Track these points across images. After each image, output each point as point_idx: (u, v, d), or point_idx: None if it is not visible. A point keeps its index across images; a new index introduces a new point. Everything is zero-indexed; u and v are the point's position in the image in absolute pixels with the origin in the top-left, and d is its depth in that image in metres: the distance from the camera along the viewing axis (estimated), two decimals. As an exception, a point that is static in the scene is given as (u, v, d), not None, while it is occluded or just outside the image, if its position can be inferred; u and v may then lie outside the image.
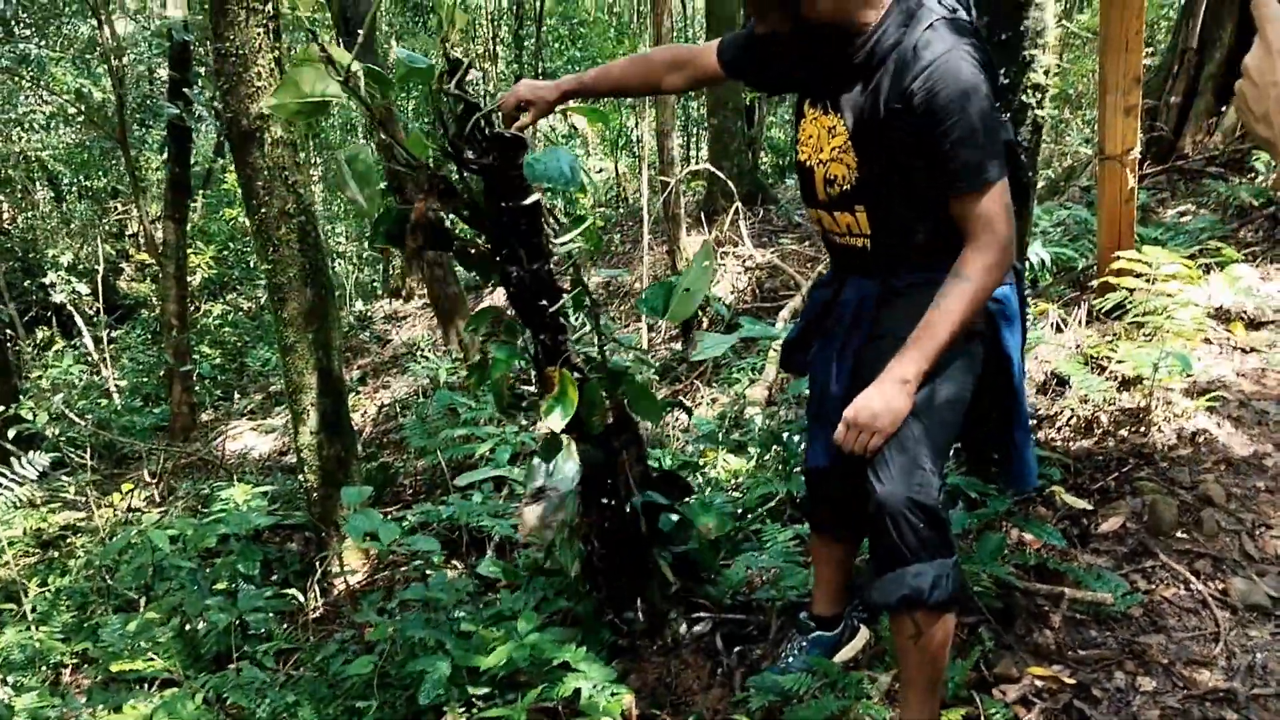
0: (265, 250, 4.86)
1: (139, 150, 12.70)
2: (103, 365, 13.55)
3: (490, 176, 2.49)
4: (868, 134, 2.17)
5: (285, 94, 2.18)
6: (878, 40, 2.13)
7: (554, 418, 2.57)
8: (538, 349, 2.73)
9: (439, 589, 3.60)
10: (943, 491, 2.23)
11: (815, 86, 2.33)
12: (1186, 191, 6.85)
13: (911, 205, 2.21)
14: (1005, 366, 2.39)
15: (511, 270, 2.60)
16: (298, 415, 5.22)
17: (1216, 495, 3.37)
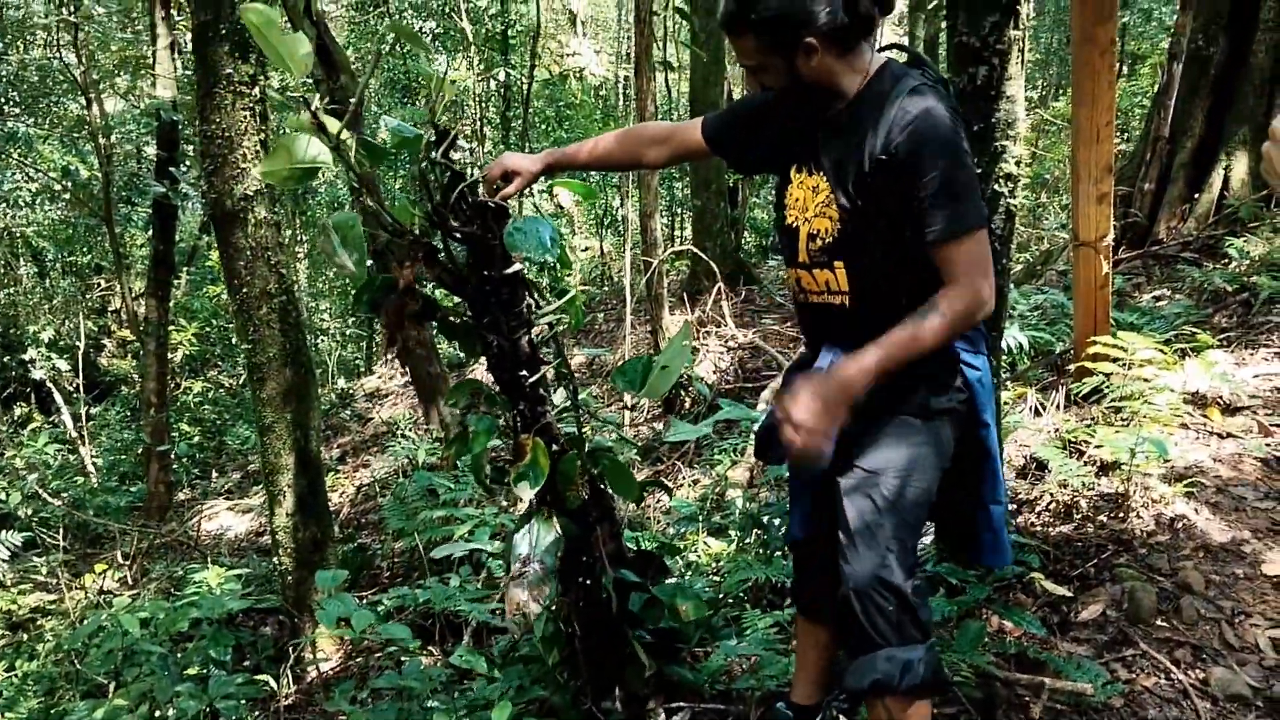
0: (246, 330, 4.86)
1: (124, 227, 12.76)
2: (80, 443, 13.43)
3: (474, 245, 2.50)
4: (851, 185, 2.22)
5: (276, 160, 2.20)
6: (862, 97, 2.22)
7: (523, 486, 2.56)
8: (516, 420, 2.72)
9: (413, 677, 3.54)
10: (914, 576, 2.21)
11: (799, 150, 2.38)
12: (1162, 276, 6.93)
13: (891, 259, 2.24)
14: (981, 435, 2.39)
15: (493, 339, 2.60)
16: (274, 496, 5.18)
17: (1195, 582, 3.36)
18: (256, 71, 4.45)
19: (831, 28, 2.13)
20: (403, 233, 2.49)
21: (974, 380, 2.36)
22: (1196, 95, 7.15)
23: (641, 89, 6.78)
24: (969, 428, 2.37)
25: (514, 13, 15.01)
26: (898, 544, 2.17)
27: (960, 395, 2.33)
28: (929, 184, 2.11)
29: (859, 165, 2.20)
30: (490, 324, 2.59)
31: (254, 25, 2.07)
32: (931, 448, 2.27)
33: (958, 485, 2.41)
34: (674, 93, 17.15)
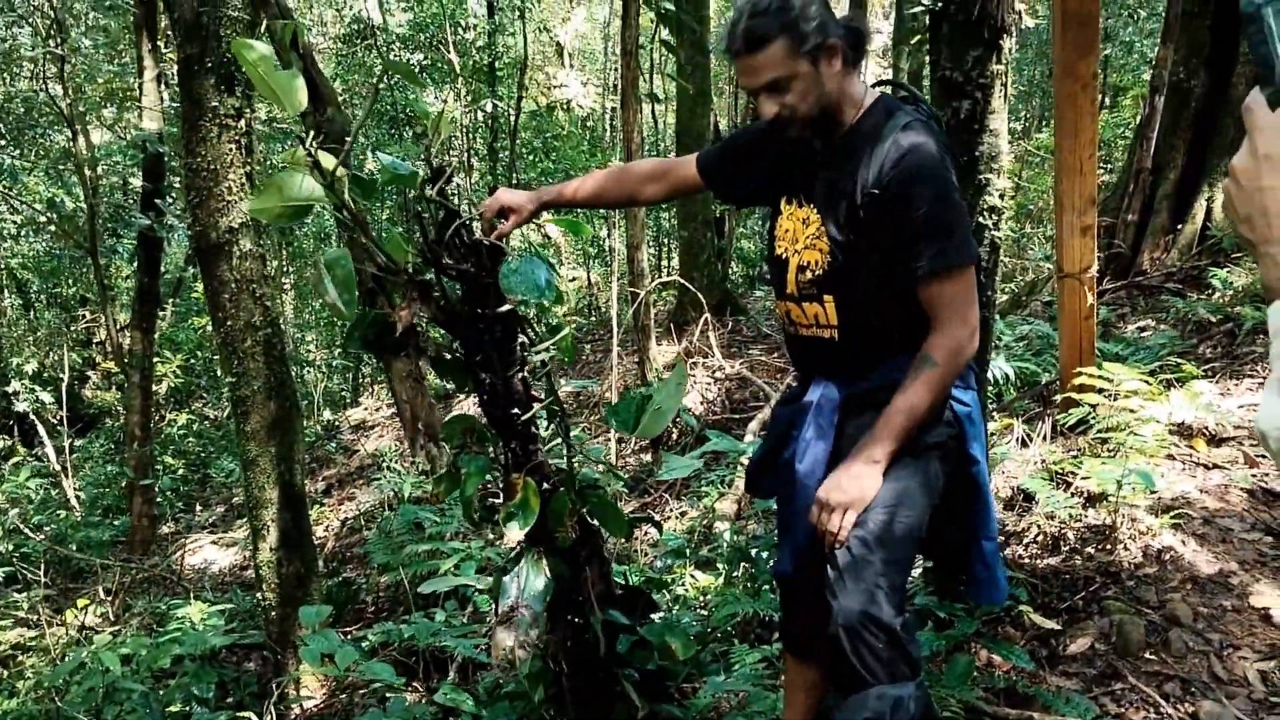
0: (230, 363, 4.83)
1: (109, 259, 12.72)
2: (63, 476, 13.32)
3: (468, 282, 2.49)
4: (842, 216, 2.24)
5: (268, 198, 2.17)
6: (857, 129, 2.26)
7: (513, 527, 2.53)
8: (508, 457, 2.70)
9: (396, 715, 3.50)
10: (903, 612, 2.19)
11: (791, 182, 2.40)
12: (1146, 307, 6.97)
13: (880, 294, 2.25)
14: (972, 472, 2.39)
15: (485, 377, 2.58)
16: (257, 531, 5.14)
17: (1184, 615, 3.35)
18: (242, 104, 4.45)
19: (840, 37, 2.19)
20: (397, 271, 2.47)
21: (963, 415, 2.36)
22: (1178, 127, 7.21)
23: (628, 120, 6.80)
24: (959, 464, 2.37)
25: (501, 45, 15.10)
26: (887, 580, 2.16)
27: (950, 430, 2.34)
28: (918, 219, 2.13)
29: (850, 197, 2.22)
30: (483, 361, 2.57)
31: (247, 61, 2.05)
32: (920, 483, 2.26)
33: (949, 521, 2.41)
34: (660, 124, 17.25)
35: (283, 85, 2.06)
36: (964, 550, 2.50)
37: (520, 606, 2.88)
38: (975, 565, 2.49)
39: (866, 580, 2.15)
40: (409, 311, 2.45)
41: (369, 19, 14.90)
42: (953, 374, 2.19)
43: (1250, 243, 1.06)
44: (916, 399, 2.16)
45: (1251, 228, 1.05)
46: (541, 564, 2.83)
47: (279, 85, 2.06)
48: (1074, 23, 3.71)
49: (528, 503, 2.57)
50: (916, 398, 2.16)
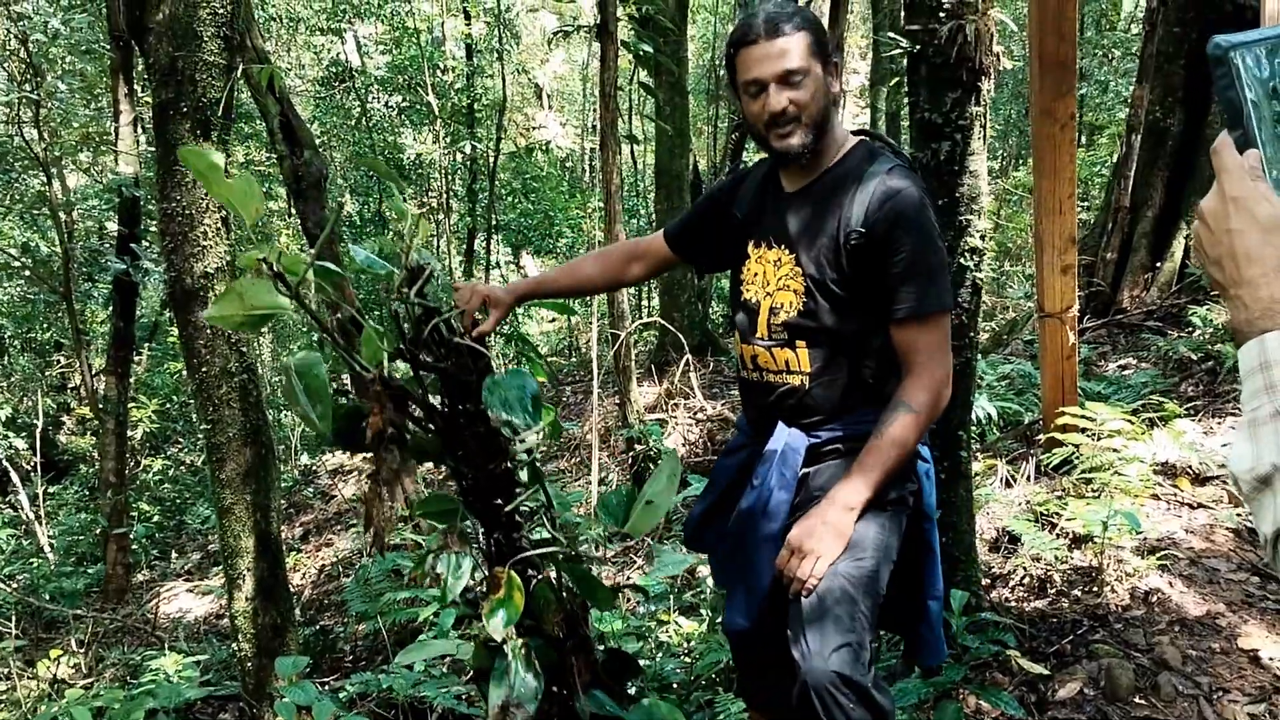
0: (205, 409, 4.76)
1: (84, 304, 12.61)
2: (36, 524, 13.12)
3: (447, 380, 2.38)
4: (821, 256, 2.22)
5: (227, 306, 2.01)
6: (838, 168, 2.26)
7: (496, 623, 2.39)
8: (490, 548, 2.57)
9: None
10: (873, 668, 2.13)
11: (759, 226, 2.38)
12: (1126, 345, 6.99)
13: (853, 341, 2.23)
14: (926, 529, 2.36)
15: (466, 471, 2.50)
16: (233, 580, 5.04)
17: (1172, 658, 3.31)
18: (218, 149, 4.40)
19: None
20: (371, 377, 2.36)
21: (922, 472, 2.33)
22: (1156, 166, 7.27)
23: (607, 161, 6.80)
24: (914, 521, 2.33)
25: (480, 87, 15.14)
26: (855, 636, 2.08)
27: (911, 486, 2.30)
28: (902, 262, 2.12)
29: (832, 238, 2.19)
30: (464, 458, 2.44)
31: (197, 170, 1.94)
32: (885, 537, 2.21)
33: (898, 580, 2.33)
34: (640, 165, 17.30)
35: (238, 192, 1.95)
36: (910, 610, 2.43)
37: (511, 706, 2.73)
38: (920, 625, 2.44)
39: (835, 636, 2.06)
40: (380, 419, 2.33)
41: (347, 62, 14.95)
42: (929, 421, 2.16)
43: (1220, 285, 1.05)
44: (892, 446, 2.12)
45: (1220, 270, 1.04)
46: (532, 661, 2.68)
47: (233, 192, 1.96)
48: (1052, 65, 3.72)
49: (511, 597, 2.45)
50: (892, 445, 2.12)
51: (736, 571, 2.41)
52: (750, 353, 2.39)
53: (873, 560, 2.15)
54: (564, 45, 18.63)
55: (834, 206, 2.21)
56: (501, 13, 14.31)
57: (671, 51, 9.84)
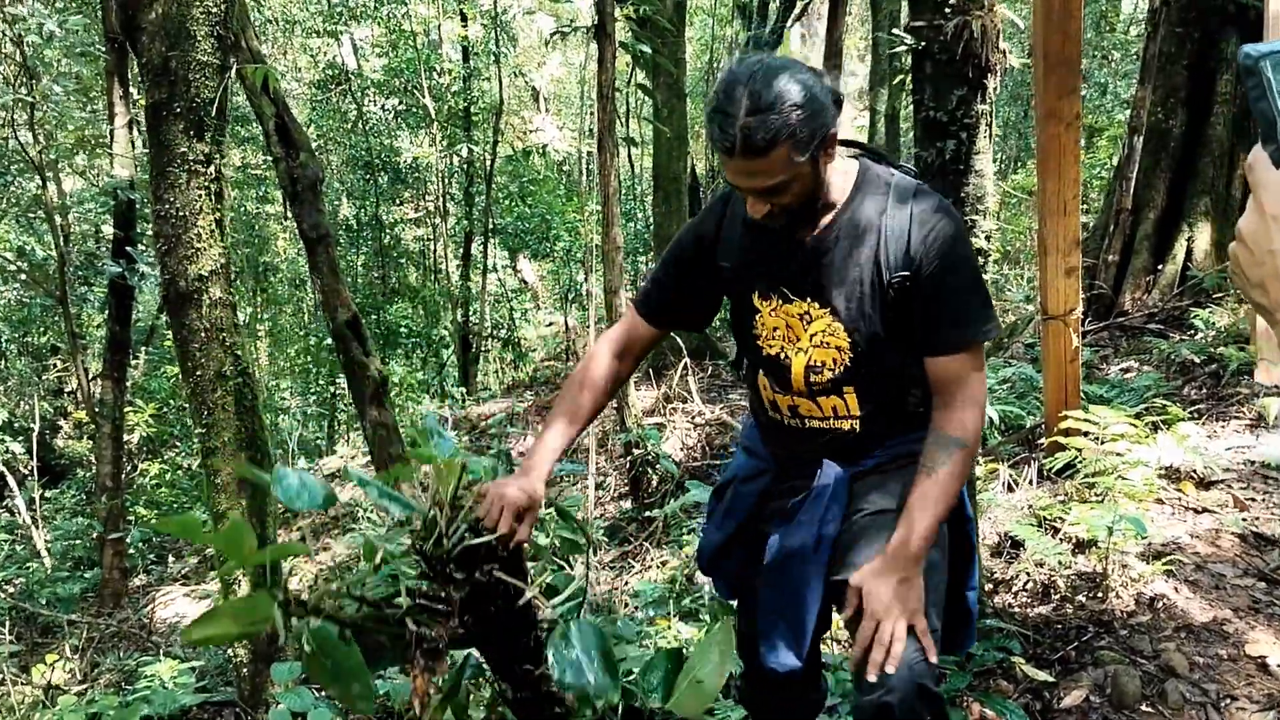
0: (200, 413, 4.72)
1: (80, 308, 12.56)
2: (34, 528, 13.07)
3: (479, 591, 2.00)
4: (868, 306, 2.06)
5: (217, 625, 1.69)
6: (856, 208, 2.07)
7: None
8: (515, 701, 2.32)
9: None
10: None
11: (765, 276, 2.18)
12: (1129, 348, 6.94)
13: (901, 373, 2.13)
14: (968, 530, 2.29)
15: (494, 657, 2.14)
16: (228, 586, 4.99)
17: (1179, 665, 3.26)
18: (212, 150, 4.37)
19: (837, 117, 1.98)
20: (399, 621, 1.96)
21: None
22: (1158, 167, 7.24)
23: (604, 164, 6.76)
24: (957, 521, 2.26)
25: (476, 90, 15.11)
26: (930, 622, 2.01)
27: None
28: (949, 297, 2.00)
29: (872, 284, 2.04)
30: (492, 652, 2.14)
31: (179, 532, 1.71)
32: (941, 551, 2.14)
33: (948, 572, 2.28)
34: (637, 168, 17.27)
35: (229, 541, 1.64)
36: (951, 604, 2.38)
37: None
38: (959, 617, 2.36)
39: (913, 650, 1.97)
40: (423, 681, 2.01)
41: (343, 65, 14.92)
42: (976, 452, 2.08)
43: (1263, 309, 0.98)
44: (951, 485, 2.00)
45: (1265, 293, 0.97)
46: None
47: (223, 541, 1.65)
48: (1057, 64, 3.68)
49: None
50: (952, 484, 2.00)
51: (781, 609, 2.27)
52: (787, 402, 2.25)
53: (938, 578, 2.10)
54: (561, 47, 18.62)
55: (862, 249, 2.04)
56: (498, 15, 14.27)
57: (669, 53, 9.79)
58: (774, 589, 2.29)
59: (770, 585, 2.30)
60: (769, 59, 1.91)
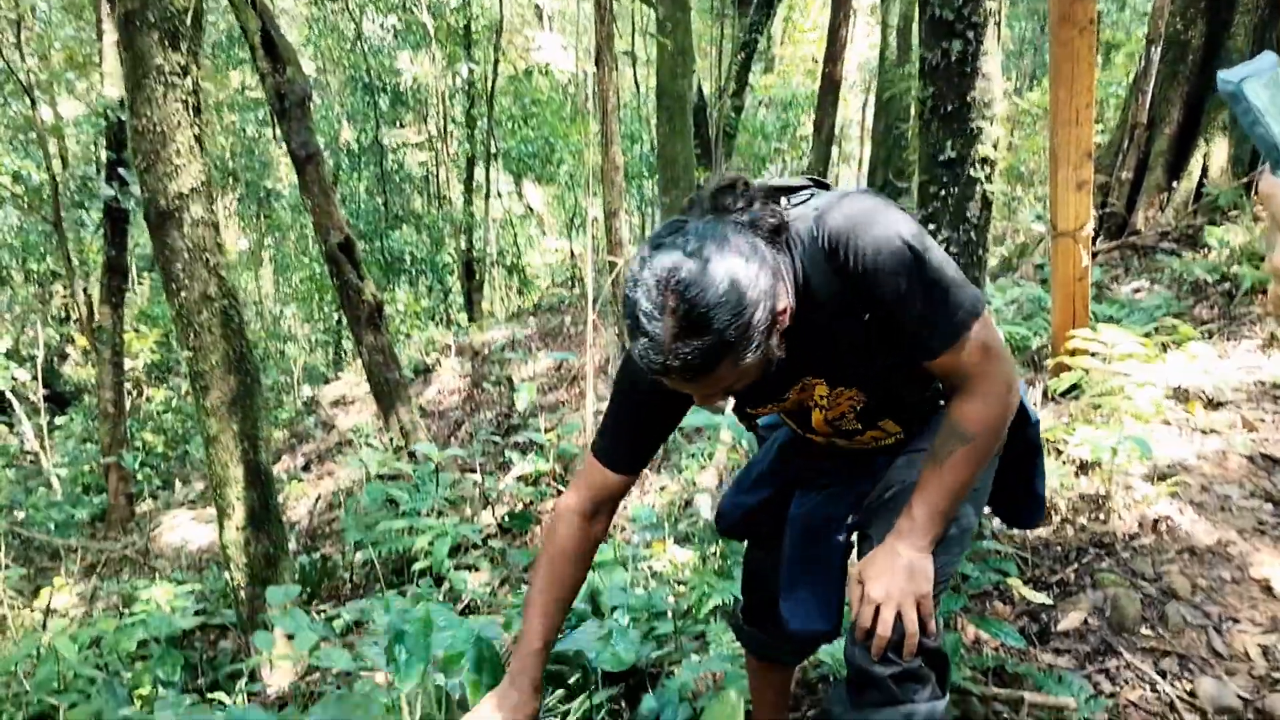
0: (186, 336, 4.63)
1: (77, 232, 12.46)
2: (42, 454, 13.13)
3: None
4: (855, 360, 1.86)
5: None
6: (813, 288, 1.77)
7: None
8: None
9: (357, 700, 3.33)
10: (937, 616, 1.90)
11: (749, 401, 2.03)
12: (1140, 267, 6.80)
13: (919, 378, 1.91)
14: (1029, 434, 2.12)
15: None
16: (223, 510, 4.95)
17: (1181, 587, 3.19)
18: (188, 61, 4.21)
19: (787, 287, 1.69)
20: None
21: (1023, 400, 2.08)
22: (1175, 81, 7.01)
23: (603, 80, 6.55)
24: (1020, 427, 2.04)
25: (477, 5, 14.75)
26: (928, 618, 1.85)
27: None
28: (908, 304, 1.71)
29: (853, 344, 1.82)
30: None
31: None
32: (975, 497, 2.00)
33: (1008, 473, 2.14)
34: (642, 89, 16.92)
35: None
36: (1020, 498, 2.23)
37: None
38: (1028, 501, 2.23)
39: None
40: None
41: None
42: (993, 446, 1.81)
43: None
44: (957, 477, 1.80)
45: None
46: None
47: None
48: (1067, -37, 3.50)
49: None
50: (957, 476, 1.79)
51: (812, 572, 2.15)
52: (823, 442, 2.10)
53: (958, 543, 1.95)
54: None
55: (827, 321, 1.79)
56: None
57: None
58: (804, 550, 2.18)
59: (800, 546, 2.19)
60: (686, 246, 1.56)
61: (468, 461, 7.50)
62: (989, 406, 1.77)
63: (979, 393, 1.77)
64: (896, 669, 1.81)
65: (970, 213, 3.04)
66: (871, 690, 1.85)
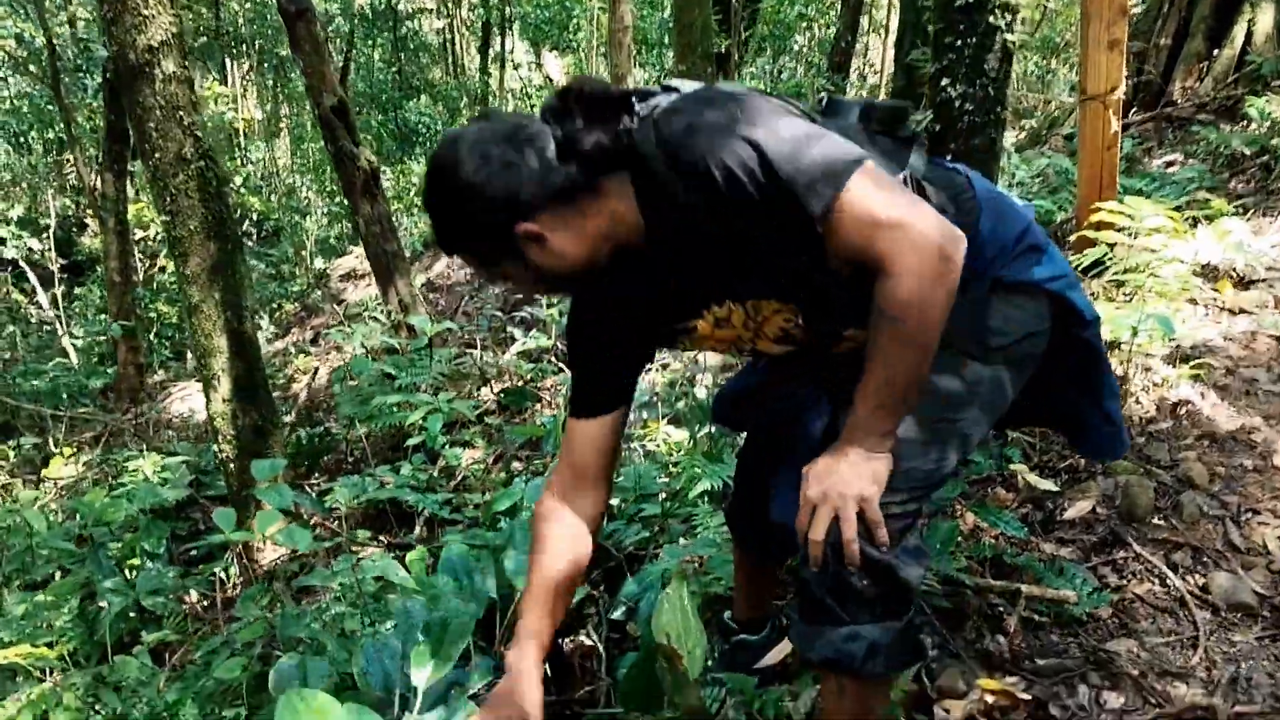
0: (162, 200, 4.42)
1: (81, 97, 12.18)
2: (58, 324, 13.11)
3: None
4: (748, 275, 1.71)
5: None
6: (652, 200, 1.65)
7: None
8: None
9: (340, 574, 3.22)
10: (912, 533, 1.71)
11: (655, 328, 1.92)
12: (1174, 140, 6.47)
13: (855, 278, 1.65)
14: (1085, 336, 1.90)
15: None
16: (208, 381, 4.81)
17: (1199, 476, 2.99)
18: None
19: (551, 195, 1.62)
20: None
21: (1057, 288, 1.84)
22: (1220, -62, 6.55)
23: None
24: (1064, 330, 1.87)
25: None
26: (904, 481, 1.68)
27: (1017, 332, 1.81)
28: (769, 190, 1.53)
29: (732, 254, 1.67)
30: None
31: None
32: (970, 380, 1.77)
33: (1067, 387, 1.97)
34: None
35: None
36: (1084, 413, 2.03)
37: None
38: (1097, 421, 2.03)
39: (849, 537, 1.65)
40: None
41: None
42: (928, 325, 1.55)
43: None
44: (893, 372, 1.59)
45: None
46: None
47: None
48: None
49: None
50: (893, 371, 1.59)
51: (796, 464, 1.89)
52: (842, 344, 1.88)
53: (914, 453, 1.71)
54: None
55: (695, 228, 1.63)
56: None
57: None
58: (791, 440, 2.07)
59: (788, 436, 2.09)
60: (461, 133, 1.67)
61: (468, 336, 7.35)
62: (904, 280, 1.52)
63: (888, 268, 1.52)
64: (834, 583, 1.64)
65: (988, 64, 2.77)
66: (811, 606, 1.70)
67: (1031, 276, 1.81)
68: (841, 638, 1.67)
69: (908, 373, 1.59)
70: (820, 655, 1.70)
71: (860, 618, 1.66)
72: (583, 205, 1.65)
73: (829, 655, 1.69)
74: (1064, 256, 1.93)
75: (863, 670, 1.68)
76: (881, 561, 1.63)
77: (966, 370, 1.76)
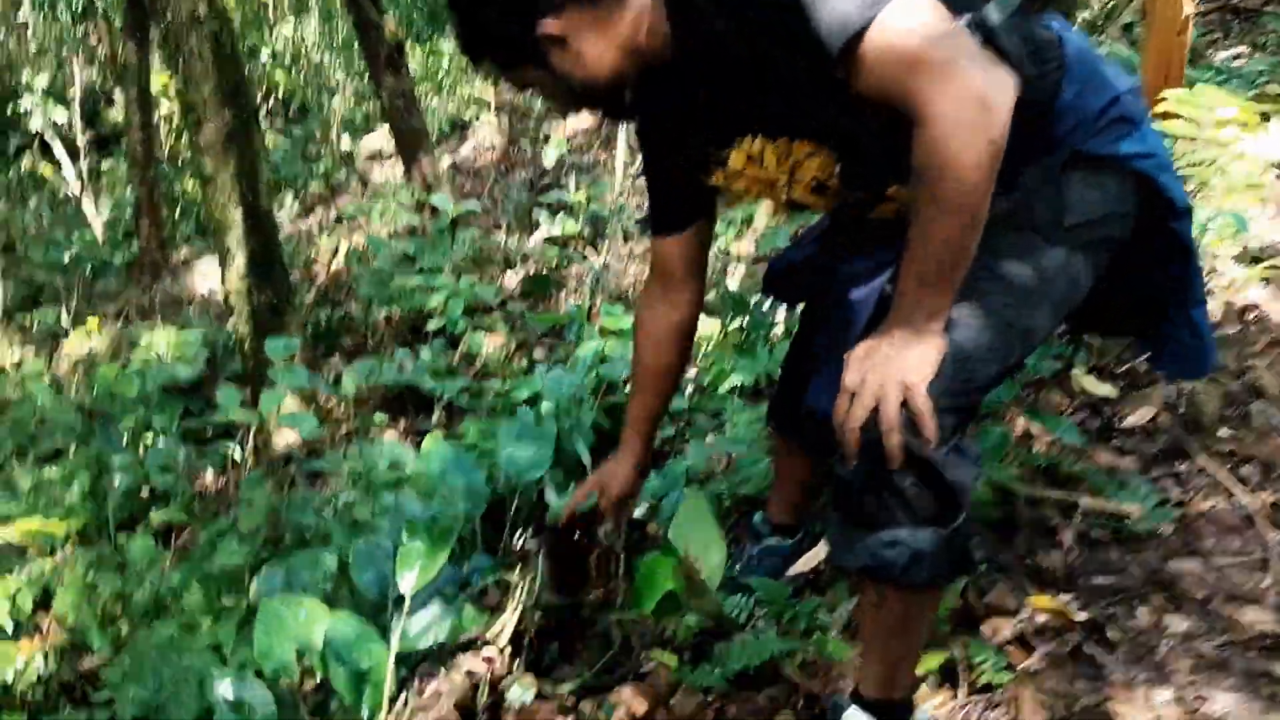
0: (174, 63, 4.23)
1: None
2: (84, 198, 12.97)
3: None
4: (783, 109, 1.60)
5: None
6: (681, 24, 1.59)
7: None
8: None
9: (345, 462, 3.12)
10: (963, 432, 1.53)
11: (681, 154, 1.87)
12: (1242, 31, 6.13)
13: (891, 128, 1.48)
14: (1175, 227, 1.71)
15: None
16: (223, 256, 4.66)
17: (1269, 385, 2.79)
18: None
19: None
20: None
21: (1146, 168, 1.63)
22: None
23: None
24: (1150, 220, 1.68)
25: None
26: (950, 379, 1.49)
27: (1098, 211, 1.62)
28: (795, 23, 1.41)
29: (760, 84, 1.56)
30: None
31: None
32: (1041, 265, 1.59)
33: (1148, 283, 1.79)
34: None
35: None
36: (1165, 318, 1.85)
37: None
38: (1181, 333, 1.85)
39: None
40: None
41: None
42: (972, 185, 1.38)
43: None
44: (937, 239, 1.43)
45: None
46: None
47: None
48: None
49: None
50: (937, 238, 1.43)
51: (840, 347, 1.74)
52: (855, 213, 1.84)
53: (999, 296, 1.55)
54: None
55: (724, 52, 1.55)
56: None
57: None
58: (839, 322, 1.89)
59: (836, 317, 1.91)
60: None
61: (494, 219, 7.15)
62: (938, 127, 1.36)
63: (927, 118, 1.37)
64: (873, 481, 1.49)
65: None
66: (847, 507, 1.56)
67: (1117, 151, 1.61)
68: (880, 543, 1.51)
69: (950, 242, 1.43)
70: (857, 562, 1.56)
71: (902, 522, 1.50)
72: (609, 6, 1.58)
73: (866, 562, 1.54)
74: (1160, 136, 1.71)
75: (903, 579, 1.53)
76: (927, 458, 1.46)
77: (1037, 255, 1.58)
